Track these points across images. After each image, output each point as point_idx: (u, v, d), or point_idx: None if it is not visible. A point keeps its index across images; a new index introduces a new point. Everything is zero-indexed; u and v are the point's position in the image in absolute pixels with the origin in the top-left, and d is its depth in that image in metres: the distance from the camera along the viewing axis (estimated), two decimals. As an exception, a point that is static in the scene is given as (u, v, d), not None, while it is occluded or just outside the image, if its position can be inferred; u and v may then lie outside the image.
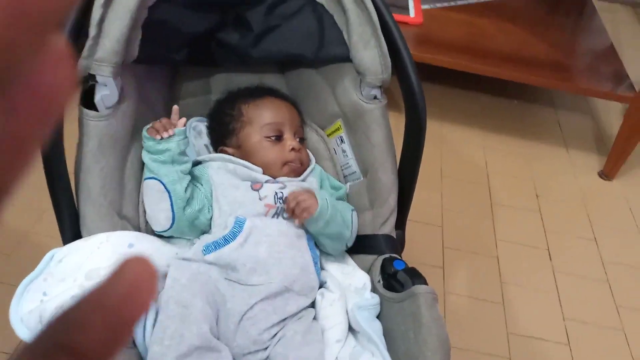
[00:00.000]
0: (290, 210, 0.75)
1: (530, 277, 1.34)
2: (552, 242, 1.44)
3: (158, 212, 0.75)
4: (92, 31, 0.66)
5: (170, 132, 0.75)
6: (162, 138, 0.75)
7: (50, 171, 0.68)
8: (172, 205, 0.75)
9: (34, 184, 0.68)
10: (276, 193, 0.79)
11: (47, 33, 0.12)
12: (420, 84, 0.78)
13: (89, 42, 0.66)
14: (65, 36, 0.67)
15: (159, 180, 0.75)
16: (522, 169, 1.67)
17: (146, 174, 0.77)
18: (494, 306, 1.25)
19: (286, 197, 0.77)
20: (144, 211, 0.78)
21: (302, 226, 0.78)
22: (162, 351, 0.62)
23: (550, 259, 1.39)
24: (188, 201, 0.76)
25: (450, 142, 1.70)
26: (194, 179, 0.80)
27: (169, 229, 0.76)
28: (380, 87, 0.80)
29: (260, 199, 0.78)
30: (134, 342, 0.66)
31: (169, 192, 0.75)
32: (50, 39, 0.12)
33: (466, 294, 1.26)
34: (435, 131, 1.71)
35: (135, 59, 0.73)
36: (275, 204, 0.78)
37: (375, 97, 0.81)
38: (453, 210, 1.47)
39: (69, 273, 0.67)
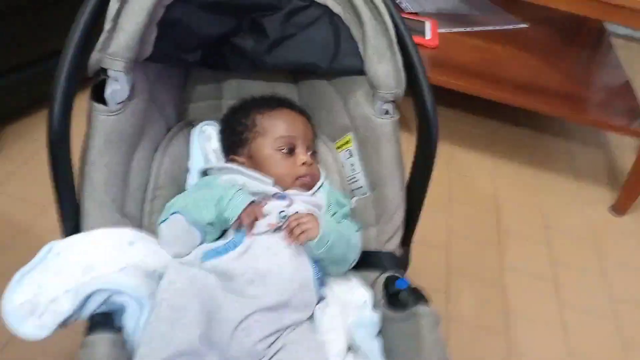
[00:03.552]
0: (290, 230, 0.73)
1: (536, 308, 1.31)
2: (560, 275, 1.41)
3: (176, 247, 0.74)
4: (107, 25, 0.66)
5: (254, 231, 0.74)
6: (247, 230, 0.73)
7: (55, 162, 0.67)
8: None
9: (39, 178, 0.66)
10: (280, 212, 0.77)
11: None
12: (434, 101, 0.77)
13: (103, 35, 0.66)
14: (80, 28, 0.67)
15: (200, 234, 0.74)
16: (532, 199, 1.65)
17: (190, 213, 0.73)
18: (498, 336, 1.21)
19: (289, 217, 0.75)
20: (149, 211, 0.77)
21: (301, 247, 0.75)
22: (147, 352, 0.61)
23: (557, 292, 1.36)
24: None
25: (460, 166, 1.69)
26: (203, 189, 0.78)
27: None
28: (393, 102, 0.79)
29: (262, 216, 0.76)
30: (120, 328, 0.64)
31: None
32: None
33: (469, 322, 1.22)
34: (446, 153, 1.69)
35: (148, 57, 0.73)
36: (278, 222, 0.76)
37: (387, 112, 0.80)
38: (460, 234, 1.45)
39: (65, 267, 0.66)
